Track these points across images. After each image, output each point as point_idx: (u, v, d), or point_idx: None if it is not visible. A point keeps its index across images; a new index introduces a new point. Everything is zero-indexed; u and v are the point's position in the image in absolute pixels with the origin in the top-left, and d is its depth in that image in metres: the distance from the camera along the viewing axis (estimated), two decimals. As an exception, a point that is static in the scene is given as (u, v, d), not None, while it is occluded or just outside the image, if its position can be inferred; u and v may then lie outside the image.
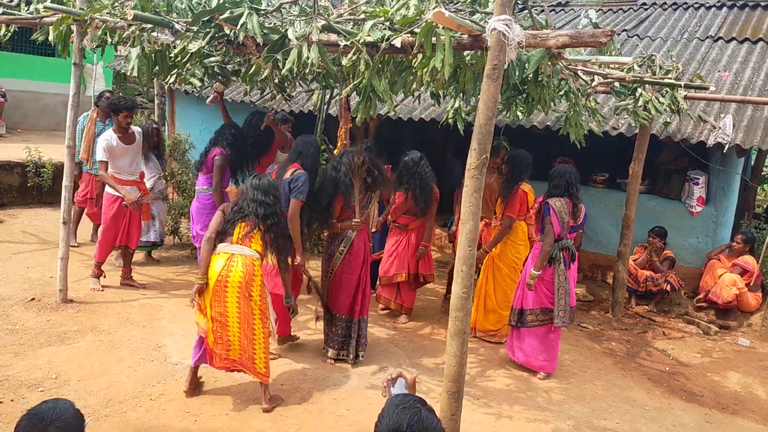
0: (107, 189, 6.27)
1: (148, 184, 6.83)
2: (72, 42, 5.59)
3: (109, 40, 5.03)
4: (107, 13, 4.96)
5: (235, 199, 4.46)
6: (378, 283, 6.42)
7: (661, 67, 5.75)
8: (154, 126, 7.09)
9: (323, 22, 3.98)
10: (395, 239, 6.22)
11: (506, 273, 5.87)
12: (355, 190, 4.98)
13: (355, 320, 5.11)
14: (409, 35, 3.73)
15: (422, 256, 6.11)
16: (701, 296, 7.16)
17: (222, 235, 4.27)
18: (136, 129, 6.41)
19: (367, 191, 5.11)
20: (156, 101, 10.07)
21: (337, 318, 5.11)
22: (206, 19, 4.19)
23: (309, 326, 5.83)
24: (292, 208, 4.76)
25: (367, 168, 5.00)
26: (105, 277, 6.36)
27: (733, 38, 8.78)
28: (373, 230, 6.33)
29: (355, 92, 4.17)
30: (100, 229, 6.46)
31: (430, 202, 5.98)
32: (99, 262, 6.28)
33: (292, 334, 5.33)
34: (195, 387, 4.39)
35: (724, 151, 6.68)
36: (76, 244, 7.50)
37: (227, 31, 4.19)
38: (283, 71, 4.01)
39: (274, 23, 4.27)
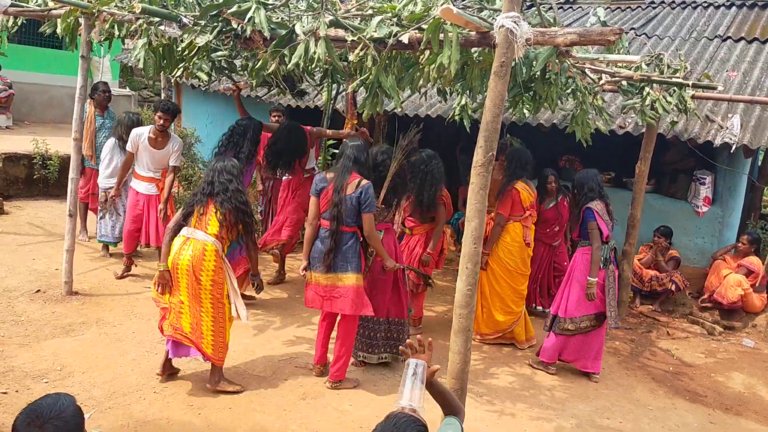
0: (130, 183, 6.46)
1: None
2: (80, 35, 5.60)
3: (117, 33, 5.05)
4: (115, 6, 4.97)
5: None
6: None
7: (669, 66, 5.73)
8: (137, 116, 7.01)
9: (330, 17, 3.98)
10: (402, 244, 5.81)
11: (500, 275, 5.70)
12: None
13: (382, 320, 4.95)
14: (416, 31, 3.73)
15: (426, 264, 5.61)
16: (706, 296, 7.14)
17: (186, 218, 4.33)
18: (176, 139, 6.40)
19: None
20: (162, 95, 10.07)
21: (374, 321, 4.94)
22: (214, 13, 4.19)
23: (314, 321, 5.84)
24: (368, 223, 4.44)
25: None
26: (136, 266, 6.70)
27: (742, 38, 8.73)
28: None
29: (361, 88, 4.16)
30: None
31: (434, 205, 5.58)
32: (125, 253, 6.56)
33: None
34: (168, 373, 4.51)
35: (732, 151, 6.65)
36: (86, 239, 7.51)
37: (235, 26, 4.19)
38: (289, 66, 4.00)
39: (282, 18, 4.27)
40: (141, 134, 6.24)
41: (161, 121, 6.12)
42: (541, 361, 5.32)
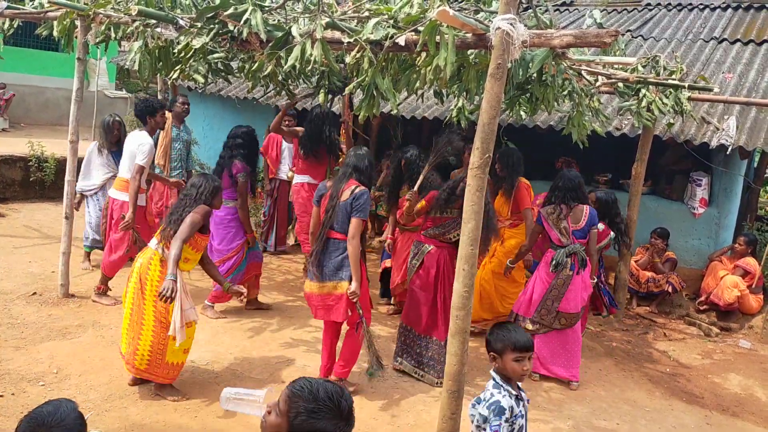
0: (116, 196, 5.84)
1: (98, 181, 6.56)
2: (76, 37, 5.60)
3: (113, 35, 5.04)
4: (111, 8, 4.97)
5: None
6: (393, 295, 6.29)
7: (665, 68, 5.74)
8: (117, 119, 6.73)
9: (327, 19, 3.98)
10: (405, 243, 5.81)
11: (504, 263, 5.82)
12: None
13: (434, 340, 4.85)
14: (413, 33, 3.73)
15: None
16: (702, 298, 7.15)
17: None
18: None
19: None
20: (159, 97, 10.08)
21: (413, 333, 4.95)
22: (210, 15, 4.19)
23: (312, 323, 5.83)
24: (355, 228, 4.26)
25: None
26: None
27: (738, 40, 8.76)
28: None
29: (358, 90, 4.17)
30: (112, 240, 5.85)
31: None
32: (109, 277, 5.89)
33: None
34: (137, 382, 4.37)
35: (728, 152, 6.67)
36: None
37: (231, 28, 4.19)
38: (285, 68, 4.00)
39: (278, 20, 4.27)
40: (151, 145, 5.79)
41: (165, 119, 6.16)
42: None
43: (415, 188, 4.95)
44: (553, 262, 5.02)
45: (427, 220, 4.95)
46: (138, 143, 5.70)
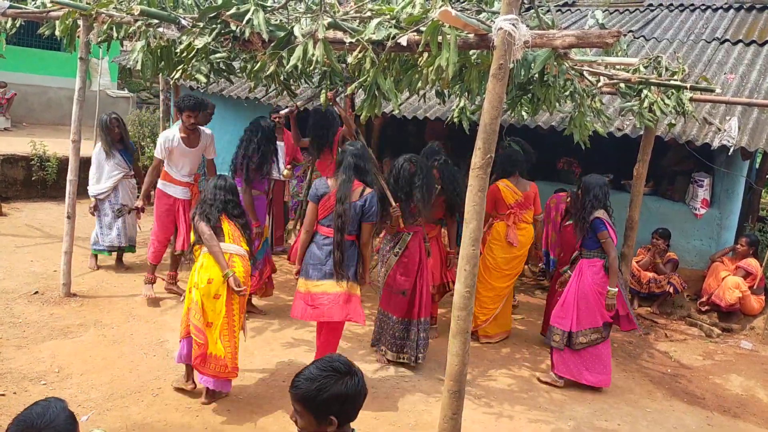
0: (158, 186, 6.02)
1: (110, 183, 6.60)
2: (78, 36, 5.61)
3: (115, 34, 5.05)
4: (113, 7, 4.97)
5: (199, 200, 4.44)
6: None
7: (667, 69, 5.73)
8: (114, 117, 6.65)
9: (329, 19, 3.98)
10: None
11: (480, 272, 5.71)
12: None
13: (414, 321, 5.04)
14: (415, 34, 3.73)
15: (453, 265, 5.57)
16: (704, 299, 7.14)
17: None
18: (205, 131, 6.10)
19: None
20: (161, 97, 10.08)
21: (392, 320, 5.07)
22: (212, 15, 4.20)
23: (313, 323, 5.83)
24: (367, 233, 4.49)
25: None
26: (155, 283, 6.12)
27: (740, 40, 8.74)
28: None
29: (360, 90, 4.17)
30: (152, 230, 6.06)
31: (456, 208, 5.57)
32: (154, 264, 6.09)
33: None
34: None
35: (729, 153, 6.66)
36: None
37: (233, 28, 4.20)
38: (287, 68, 4.01)
39: (281, 20, 4.27)
40: (171, 137, 5.85)
41: (192, 120, 5.80)
42: (555, 374, 5.13)
43: (395, 203, 5.03)
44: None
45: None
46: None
